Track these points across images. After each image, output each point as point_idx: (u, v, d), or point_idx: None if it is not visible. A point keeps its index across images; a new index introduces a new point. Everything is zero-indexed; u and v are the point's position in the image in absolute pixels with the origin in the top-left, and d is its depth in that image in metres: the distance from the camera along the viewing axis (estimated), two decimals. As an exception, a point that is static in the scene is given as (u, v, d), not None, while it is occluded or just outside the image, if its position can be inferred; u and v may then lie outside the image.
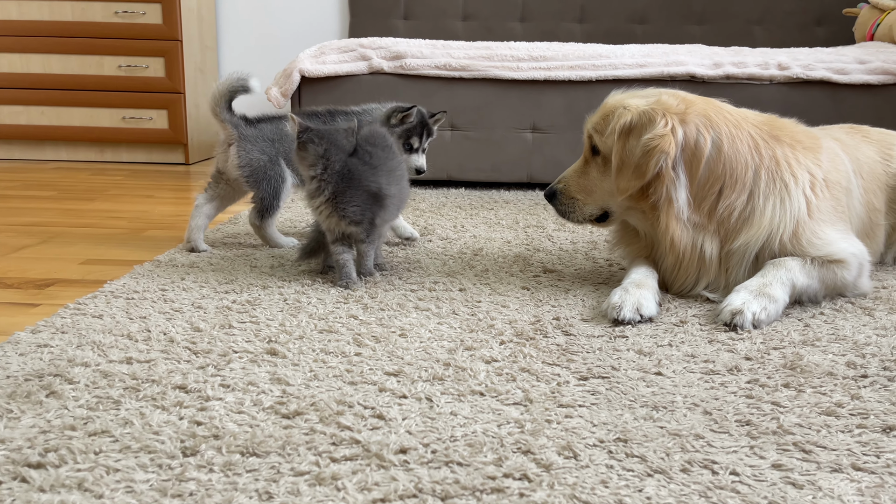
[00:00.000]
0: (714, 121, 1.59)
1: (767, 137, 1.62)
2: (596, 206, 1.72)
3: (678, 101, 1.60)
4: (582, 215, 1.73)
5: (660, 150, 1.54)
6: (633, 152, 1.57)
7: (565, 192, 1.73)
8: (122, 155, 4.11)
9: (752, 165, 1.59)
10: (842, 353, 1.33)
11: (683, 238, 1.60)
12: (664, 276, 1.68)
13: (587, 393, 1.15)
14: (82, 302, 1.55)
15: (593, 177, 1.70)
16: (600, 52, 3.12)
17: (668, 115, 1.56)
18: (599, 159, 1.68)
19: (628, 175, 1.59)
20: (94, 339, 1.33)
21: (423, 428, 1.02)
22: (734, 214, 1.59)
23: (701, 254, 1.61)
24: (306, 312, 1.51)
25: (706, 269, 1.63)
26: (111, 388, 1.13)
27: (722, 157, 1.58)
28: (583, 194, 1.72)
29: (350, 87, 3.21)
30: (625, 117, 1.59)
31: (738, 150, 1.59)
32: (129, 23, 3.91)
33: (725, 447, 0.99)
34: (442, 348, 1.32)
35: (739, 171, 1.58)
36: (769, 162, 1.60)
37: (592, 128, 1.67)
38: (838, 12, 4.15)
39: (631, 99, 1.63)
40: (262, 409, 1.07)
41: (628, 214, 1.70)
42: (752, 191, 1.59)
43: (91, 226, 2.44)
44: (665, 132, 1.54)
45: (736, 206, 1.59)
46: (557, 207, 1.75)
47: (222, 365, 1.23)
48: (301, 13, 4.50)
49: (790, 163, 1.60)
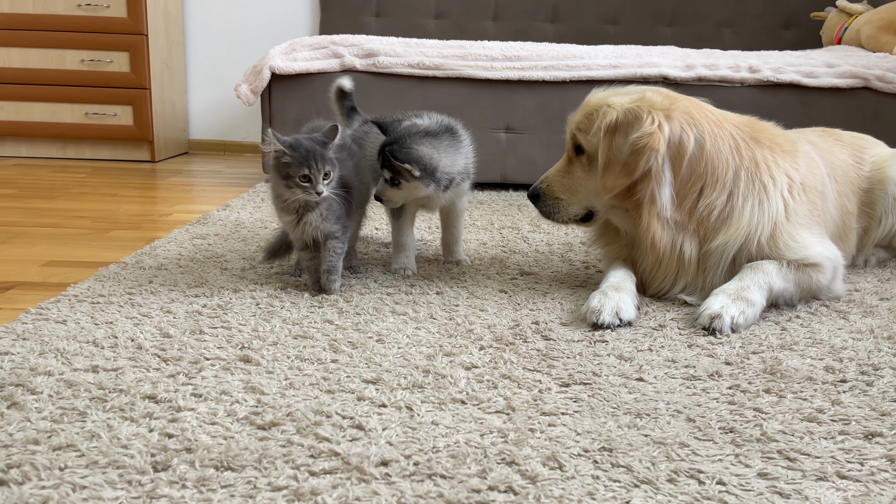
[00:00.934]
0: (697, 119, 1.59)
1: (748, 139, 1.63)
2: (580, 205, 1.70)
3: (662, 98, 1.59)
4: (567, 215, 1.71)
5: (649, 147, 1.53)
6: (621, 150, 1.56)
7: (549, 192, 1.71)
8: (85, 152, 4.00)
9: (733, 165, 1.59)
10: (819, 357, 1.33)
11: (664, 238, 1.59)
12: (643, 276, 1.67)
13: (569, 400, 1.13)
14: (45, 307, 1.49)
15: (578, 176, 1.68)
16: (574, 52, 3.12)
17: (654, 113, 1.55)
18: (584, 158, 1.66)
19: (615, 173, 1.57)
20: (57, 347, 1.27)
21: (403, 438, 0.99)
22: (713, 214, 1.59)
23: (680, 254, 1.61)
24: (280, 317, 1.47)
25: (684, 270, 1.63)
26: (76, 398, 1.08)
27: (704, 155, 1.58)
28: (567, 194, 1.69)
29: (321, 84, 3.15)
30: (610, 115, 1.58)
31: (719, 150, 1.58)
32: (92, 16, 3.80)
33: (711, 455, 0.97)
34: (421, 354, 1.30)
35: (720, 171, 1.58)
36: (749, 163, 1.60)
37: (576, 127, 1.66)
38: (806, 16, 4.21)
39: (614, 97, 1.62)
40: (236, 420, 1.03)
41: (612, 213, 1.69)
42: (731, 191, 1.59)
43: (53, 226, 2.36)
44: (653, 130, 1.53)
45: (716, 205, 1.59)
46: (541, 208, 1.73)
47: (193, 373, 1.19)
48: (271, 9, 4.43)
49: (769, 165, 1.61)
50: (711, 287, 1.62)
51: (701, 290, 1.64)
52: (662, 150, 1.54)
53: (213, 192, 3.10)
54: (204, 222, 2.37)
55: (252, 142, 4.55)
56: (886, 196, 1.94)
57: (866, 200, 1.94)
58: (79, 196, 2.90)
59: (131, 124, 3.92)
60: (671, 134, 1.55)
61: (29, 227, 2.33)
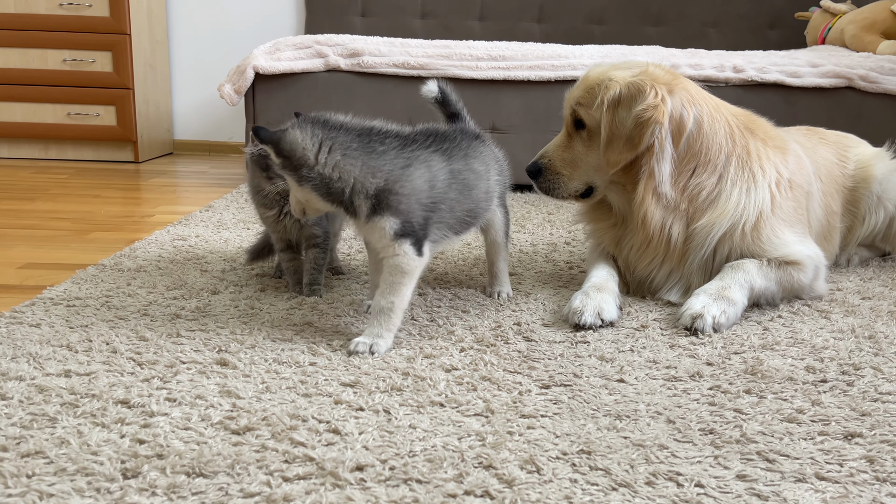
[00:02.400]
0: (696, 98, 1.60)
1: (742, 128, 1.64)
2: (581, 181, 1.68)
3: (665, 73, 1.59)
4: (567, 191, 1.69)
5: (654, 121, 1.53)
6: (624, 124, 1.55)
7: (550, 167, 1.68)
8: (67, 152, 3.96)
9: (726, 150, 1.60)
10: (801, 357, 1.33)
11: (656, 214, 1.59)
12: (628, 257, 1.66)
13: (549, 402, 1.12)
14: (19, 310, 1.46)
15: (578, 151, 1.66)
16: (559, 52, 3.11)
17: (657, 86, 1.55)
18: (584, 133, 1.64)
19: (619, 147, 1.57)
20: (30, 351, 1.25)
21: (380, 443, 0.98)
22: (702, 194, 1.59)
23: (668, 236, 1.60)
24: (259, 320, 1.45)
25: (670, 254, 1.62)
26: (47, 403, 1.06)
27: (701, 134, 1.58)
28: (568, 169, 1.67)
29: (306, 84, 3.14)
30: (613, 89, 1.56)
31: (715, 132, 1.59)
32: (74, 15, 3.76)
33: (690, 458, 0.97)
34: (400, 356, 1.28)
35: (713, 153, 1.59)
36: (741, 150, 1.61)
37: (576, 101, 1.64)
38: (790, 16, 4.23)
39: (615, 71, 1.61)
40: (210, 425, 1.02)
41: (610, 189, 1.68)
42: (721, 174, 1.59)
43: (32, 227, 2.33)
44: (657, 102, 1.53)
45: (705, 185, 1.59)
46: (541, 184, 1.70)
47: (168, 377, 1.17)
48: (255, 8, 4.40)
49: (760, 156, 1.62)
50: (689, 274, 1.62)
51: (682, 278, 1.63)
52: (666, 123, 1.54)
53: (196, 192, 3.07)
54: (186, 223, 2.35)
55: (237, 142, 4.52)
56: (870, 195, 1.94)
57: (850, 199, 1.95)
58: (59, 197, 2.87)
59: (114, 125, 3.89)
60: (673, 109, 1.55)
61: (7, 228, 2.30)
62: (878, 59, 3.12)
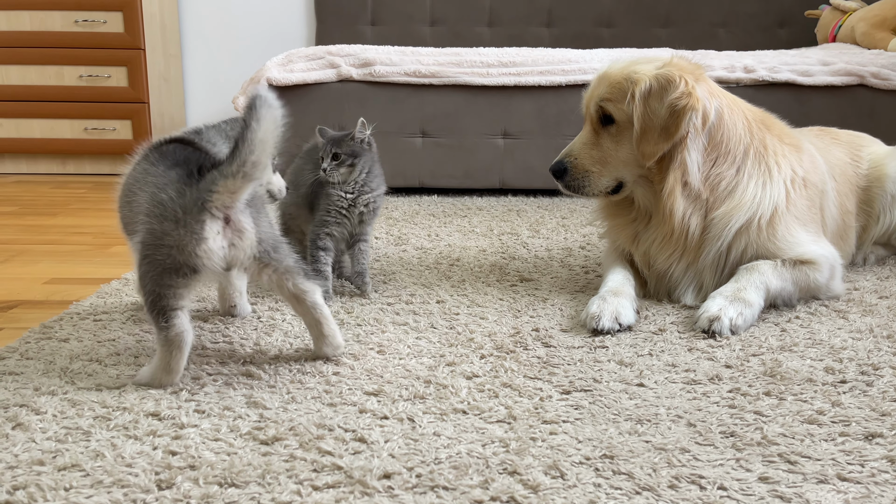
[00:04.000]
0: (715, 91, 1.63)
1: (759, 124, 1.67)
2: (611, 177, 1.69)
3: (688, 64, 1.62)
4: (597, 188, 1.69)
5: (690, 107, 1.55)
6: (658, 114, 1.57)
7: (577, 165, 1.69)
8: (85, 167, 4.02)
9: (744, 143, 1.62)
10: (819, 358, 1.34)
11: (681, 207, 1.60)
12: (648, 251, 1.67)
13: (570, 407, 1.14)
14: (48, 325, 1.49)
15: (607, 147, 1.66)
16: (569, 56, 3.13)
17: (685, 76, 1.57)
18: (613, 129, 1.65)
19: (654, 138, 1.58)
20: (61, 366, 1.28)
21: (406, 451, 1.00)
22: (721, 184, 1.61)
23: (687, 227, 1.62)
24: (281, 330, 1.48)
25: (689, 248, 1.63)
26: (80, 417, 1.09)
27: (722, 126, 1.61)
28: (597, 166, 1.68)
29: (319, 95, 3.17)
30: (643, 82, 1.58)
31: (735, 124, 1.62)
32: (89, 31, 3.83)
33: (712, 461, 0.98)
34: (422, 365, 1.30)
35: (732, 145, 1.61)
36: (759, 145, 1.64)
37: (601, 98, 1.64)
38: (800, 14, 4.22)
39: (637, 65, 1.62)
40: (239, 436, 1.04)
41: (638, 184, 1.69)
42: (739, 167, 1.62)
43: (54, 242, 2.37)
44: (690, 90, 1.56)
45: (725, 176, 1.61)
46: (568, 183, 1.70)
47: (196, 389, 1.19)
48: (266, 20, 4.45)
49: (776, 152, 1.64)
50: (706, 265, 1.63)
51: (697, 274, 1.65)
52: (700, 109, 1.56)
53: (213, 204, 3.10)
54: (204, 236, 2.37)
55: (251, 153, 4.56)
56: (884, 194, 1.94)
57: (864, 198, 1.95)
58: (79, 212, 2.91)
59: (130, 138, 3.94)
60: (702, 96, 1.57)
61: (30, 244, 2.34)
62: (890, 56, 3.11)
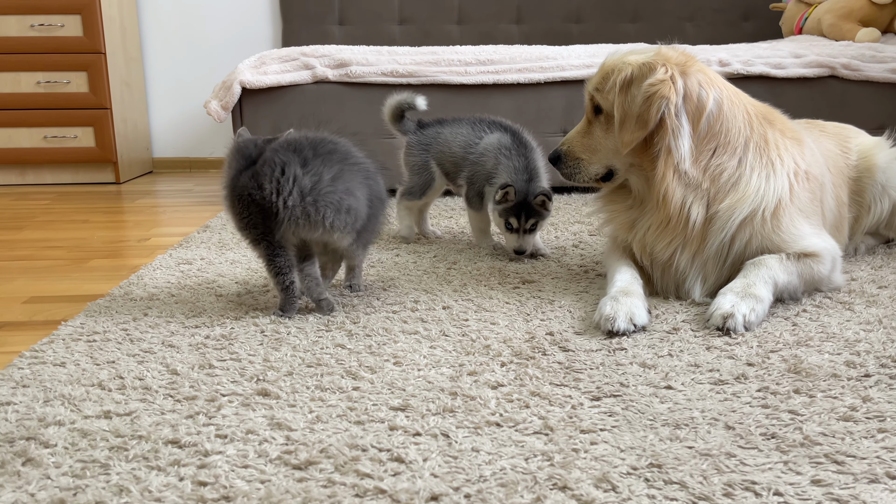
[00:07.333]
0: (714, 81, 1.62)
1: (760, 118, 1.67)
2: (601, 164, 1.72)
3: (678, 54, 1.62)
4: (587, 175, 1.73)
5: (660, 95, 1.55)
6: (635, 102, 1.57)
7: (570, 153, 1.74)
8: (45, 176, 3.86)
9: (744, 136, 1.62)
10: (836, 351, 1.34)
11: (677, 192, 1.60)
12: (645, 240, 1.67)
13: (604, 415, 1.11)
14: (38, 348, 1.41)
15: (597, 136, 1.70)
16: (547, 53, 3.12)
17: (668, 65, 1.57)
18: (602, 118, 1.68)
19: (631, 127, 1.59)
20: (62, 392, 1.21)
21: (447, 469, 0.96)
22: (724, 175, 1.61)
23: (687, 216, 1.61)
24: (289, 344, 1.42)
25: (689, 237, 1.62)
26: (94, 448, 1.03)
27: (721, 116, 1.60)
28: (587, 154, 1.72)
29: (294, 97, 3.10)
30: (625, 71, 1.59)
31: (735, 116, 1.62)
32: (46, 36, 3.68)
33: (759, 465, 0.96)
34: (442, 375, 1.26)
35: (733, 136, 1.61)
36: (759, 139, 1.64)
37: (594, 88, 1.68)
38: (764, 8, 4.29)
39: (631, 56, 1.64)
40: (269, 461, 0.99)
41: (630, 172, 1.69)
42: (741, 159, 1.62)
43: (27, 258, 2.26)
44: (664, 78, 1.55)
45: (727, 167, 1.61)
46: (563, 170, 1.76)
47: (212, 412, 1.14)
48: (229, 21, 4.34)
49: (778, 146, 1.65)
50: (710, 257, 1.63)
51: (702, 265, 1.64)
52: (674, 98, 1.55)
53: (187, 212, 3.01)
54: (186, 246, 2.30)
55: (220, 157, 4.45)
56: (874, 184, 1.97)
57: (855, 189, 1.97)
58: (47, 224, 2.79)
59: (93, 146, 3.80)
60: (686, 88, 1.57)
61: (1, 261, 2.23)
62: (859, 48, 3.18)
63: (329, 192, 1.51)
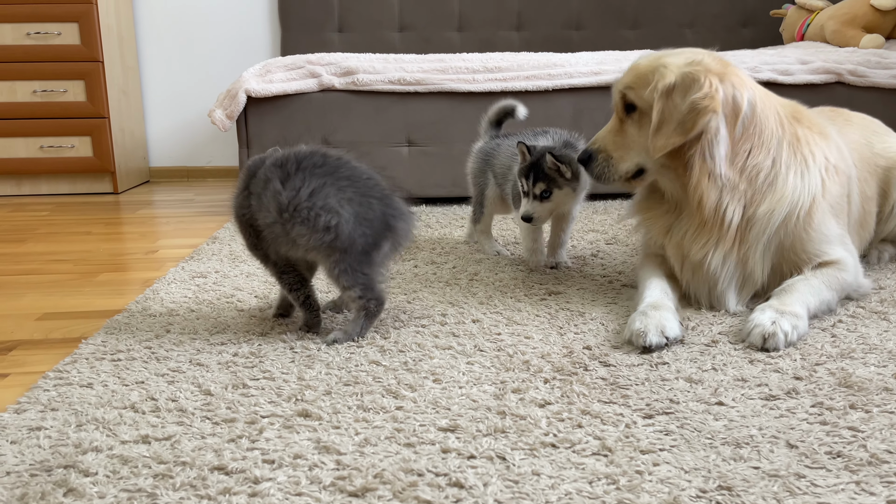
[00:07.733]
0: (747, 83, 1.61)
1: (790, 117, 1.66)
2: (632, 161, 1.69)
3: (715, 62, 1.60)
4: (618, 173, 1.70)
5: (710, 109, 1.54)
6: (678, 109, 1.56)
7: (602, 150, 1.71)
8: (41, 187, 3.80)
9: (777, 135, 1.61)
10: (882, 364, 1.32)
11: (712, 196, 1.59)
12: (682, 243, 1.65)
13: (661, 433, 1.08)
14: (62, 369, 1.37)
15: (630, 133, 1.68)
16: (555, 61, 3.10)
17: (709, 76, 1.56)
18: (636, 115, 1.66)
19: (668, 132, 1.57)
20: (94, 416, 1.16)
21: (511, 494, 0.93)
22: (761, 175, 1.60)
23: (723, 218, 1.60)
24: (321, 361, 1.38)
25: (724, 238, 1.61)
26: (137, 476, 0.98)
27: (755, 117, 1.59)
28: (620, 151, 1.69)
29: (299, 105, 3.06)
30: (668, 77, 1.57)
31: (768, 117, 1.61)
32: (43, 44, 3.61)
33: (831, 485, 0.94)
34: (486, 394, 1.23)
35: (766, 136, 1.60)
36: (791, 137, 1.63)
37: (626, 86, 1.66)
38: (763, 14, 4.30)
39: (667, 58, 1.62)
40: (323, 488, 0.95)
41: (661, 174, 1.68)
42: (775, 158, 1.61)
43: (33, 272, 2.21)
44: (713, 93, 1.54)
45: (763, 167, 1.60)
46: (593, 171, 1.73)
47: (255, 435, 1.09)
48: (227, 29, 4.29)
49: (809, 142, 1.65)
50: (748, 261, 1.61)
51: (736, 264, 1.62)
52: (720, 110, 1.55)
53: (191, 223, 2.96)
54: (198, 258, 2.25)
55: (217, 166, 4.40)
56: (904, 189, 1.95)
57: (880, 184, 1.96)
58: (50, 237, 2.73)
59: (91, 155, 3.74)
60: (724, 94, 1.57)
61: (7, 275, 2.17)
62: (864, 54, 3.18)
63: (304, 208, 1.42)
